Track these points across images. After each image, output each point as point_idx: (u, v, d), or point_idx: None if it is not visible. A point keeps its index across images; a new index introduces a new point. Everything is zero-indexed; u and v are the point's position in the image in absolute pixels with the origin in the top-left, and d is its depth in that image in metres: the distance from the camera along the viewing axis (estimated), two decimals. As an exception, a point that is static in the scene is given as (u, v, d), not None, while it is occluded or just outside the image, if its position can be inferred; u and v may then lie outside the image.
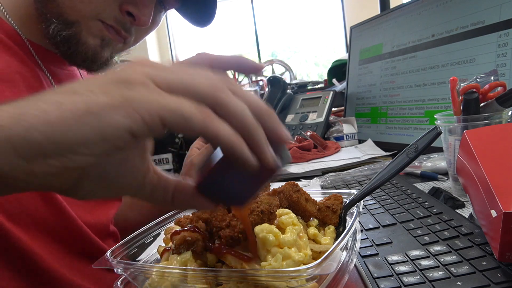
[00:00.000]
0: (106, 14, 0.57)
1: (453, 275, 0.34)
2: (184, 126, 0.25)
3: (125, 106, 0.24)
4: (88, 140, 0.24)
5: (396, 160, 0.44)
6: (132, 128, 0.24)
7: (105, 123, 0.24)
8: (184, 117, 0.24)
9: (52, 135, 0.24)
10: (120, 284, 0.38)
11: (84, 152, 0.24)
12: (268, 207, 0.36)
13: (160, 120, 0.24)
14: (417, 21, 1.06)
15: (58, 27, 0.56)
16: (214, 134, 0.25)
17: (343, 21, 3.55)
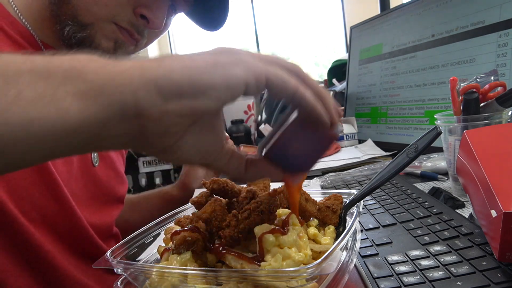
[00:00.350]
0: (120, 17, 0.58)
1: (453, 275, 0.34)
2: (282, 87, 0.30)
3: (242, 64, 0.29)
4: (216, 85, 0.28)
5: (396, 160, 0.44)
6: (247, 81, 0.29)
7: (229, 73, 0.28)
8: (283, 81, 0.30)
9: (190, 78, 0.28)
10: (120, 284, 0.38)
11: (211, 95, 0.28)
12: (268, 207, 0.36)
13: (265, 79, 0.30)
14: (417, 21, 1.06)
15: (73, 29, 0.57)
16: (302, 95, 0.31)
17: (343, 21, 3.55)
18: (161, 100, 0.27)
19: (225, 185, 0.41)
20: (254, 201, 0.37)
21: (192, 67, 0.28)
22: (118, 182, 0.78)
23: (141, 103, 0.27)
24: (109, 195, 0.75)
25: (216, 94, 0.28)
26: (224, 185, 0.41)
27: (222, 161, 0.34)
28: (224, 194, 0.41)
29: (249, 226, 0.36)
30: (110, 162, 0.76)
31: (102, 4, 0.57)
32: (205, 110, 0.29)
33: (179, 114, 0.28)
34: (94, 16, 0.57)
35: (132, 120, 0.27)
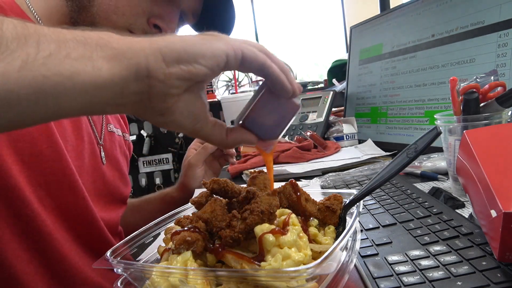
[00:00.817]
0: (135, 26, 0.63)
1: (453, 275, 0.34)
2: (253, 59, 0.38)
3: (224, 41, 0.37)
4: (205, 54, 0.36)
5: (396, 160, 0.44)
6: (228, 52, 0.37)
7: (214, 46, 0.36)
8: (255, 53, 0.38)
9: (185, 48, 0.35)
10: (120, 284, 0.38)
11: (202, 62, 0.36)
12: (268, 207, 0.36)
13: (241, 53, 0.37)
14: (417, 21, 1.06)
15: None
16: (269, 65, 0.39)
17: (343, 21, 3.55)
18: (165, 64, 0.35)
19: (225, 185, 0.41)
20: (254, 201, 0.37)
21: (186, 40, 0.36)
22: (122, 183, 0.81)
23: (151, 66, 0.34)
24: (114, 194, 0.77)
25: (205, 62, 0.36)
26: (224, 185, 0.41)
27: (208, 127, 0.40)
28: (224, 194, 0.41)
29: (249, 226, 0.36)
30: (116, 163, 0.79)
31: (120, 13, 0.62)
32: (198, 74, 0.36)
33: (178, 77, 0.35)
34: (112, 24, 0.62)
35: (144, 79, 0.35)
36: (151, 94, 0.36)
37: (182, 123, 0.38)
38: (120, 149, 0.82)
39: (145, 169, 2.51)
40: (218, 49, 0.36)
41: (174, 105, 0.37)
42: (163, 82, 0.35)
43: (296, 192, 0.42)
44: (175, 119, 0.38)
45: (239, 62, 0.38)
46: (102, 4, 0.61)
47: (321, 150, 1.10)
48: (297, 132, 1.30)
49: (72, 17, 0.62)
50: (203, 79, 0.37)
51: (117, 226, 0.76)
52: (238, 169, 1.04)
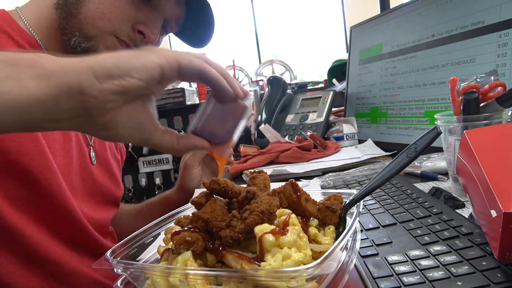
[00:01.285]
0: (121, 31, 0.67)
1: (453, 275, 0.34)
2: (190, 66, 0.40)
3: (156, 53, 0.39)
4: (137, 68, 0.38)
5: (396, 160, 0.44)
6: (161, 63, 0.38)
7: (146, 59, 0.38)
8: (190, 61, 0.40)
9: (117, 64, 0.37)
10: (120, 284, 0.38)
11: (134, 75, 0.37)
12: (268, 207, 0.36)
13: (177, 62, 0.39)
14: (417, 21, 1.06)
15: (78, 39, 0.65)
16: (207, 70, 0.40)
17: (343, 21, 3.55)
18: (97, 81, 0.36)
19: (225, 185, 0.41)
20: (254, 201, 0.37)
21: (118, 57, 0.38)
22: (112, 184, 0.82)
23: (82, 83, 0.36)
24: (105, 195, 0.79)
25: (138, 74, 0.38)
26: (224, 185, 0.41)
27: (157, 136, 0.42)
28: (224, 194, 0.41)
29: (249, 226, 0.35)
30: (106, 164, 0.80)
31: (106, 19, 0.65)
32: (131, 87, 0.38)
33: (111, 92, 0.37)
34: (98, 29, 0.65)
35: (77, 97, 0.36)
36: (88, 110, 0.37)
37: (127, 135, 0.40)
38: (111, 151, 0.84)
39: (145, 169, 2.51)
40: (151, 61, 0.38)
41: (114, 118, 0.38)
42: (96, 97, 0.37)
43: (296, 192, 0.42)
44: (119, 132, 0.39)
45: (176, 72, 0.39)
46: (89, 11, 0.64)
47: (321, 150, 1.10)
48: (297, 132, 1.30)
49: (61, 23, 0.66)
50: (140, 92, 0.39)
51: (107, 226, 0.77)
52: (238, 169, 1.04)
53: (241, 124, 0.45)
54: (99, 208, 0.75)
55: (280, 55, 3.84)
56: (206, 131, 0.44)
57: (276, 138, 1.21)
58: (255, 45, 3.66)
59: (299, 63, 4.04)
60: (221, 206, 0.39)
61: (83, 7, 0.64)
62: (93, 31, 0.65)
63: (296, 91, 1.75)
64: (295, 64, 3.17)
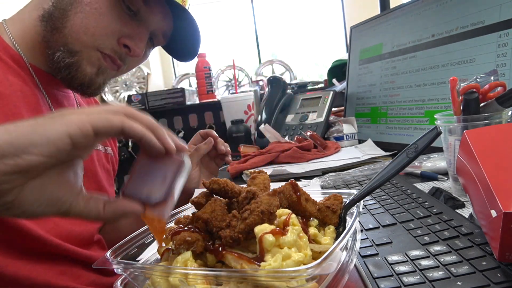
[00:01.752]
0: (105, 46, 0.66)
1: (453, 275, 0.34)
2: (108, 126, 0.35)
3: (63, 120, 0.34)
4: (36, 142, 0.33)
5: (396, 160, 0.44)
6: (70, 132, 0.33)
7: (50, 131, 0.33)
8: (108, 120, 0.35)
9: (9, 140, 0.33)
10: (120, 284, 0.38)
11: (33, 152, 0.33)
12: (268, 207, 0.36)
13: (91, 125, 0.34)
14: (417, 21, 1.06)
15: (62, 54, 0.64)
16: (129, 126, 0.36)
17: (343, 21, 3.54)
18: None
19: (225, 185, 0.41)
20: (254, 201, 0.37)
21: (12, 131, 0.34)
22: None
23: None
24: None
25: (38, 150, 0.33)
26: (224, 185, 0.41)
27: (79, 205, 0.37)
28: (224, 194, 0.41)
29: (249, 226, 0.36)
30: (93, 175, 0.79)
31: (90, 34, 0.64)
32: (30, 165, 0.33)
33: (4, 173, 0.33)
34: (82, 44, 0.64)
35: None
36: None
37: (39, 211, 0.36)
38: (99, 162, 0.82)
39: (145, 169, 2.51)
40: (56, 132, 0.34)
41: (17, 198, 0.34)
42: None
43: (296, 192, 0.42)
44: (27, 210, 0.35)
45: (92, 136, 0.35)
46: (74, 25, 0.64)
47: (321, 150, 1.10)
48: (297, 132, 1.30)
49: (45, 36, 0.65)
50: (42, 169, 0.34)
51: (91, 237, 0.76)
52: (238, 169, 1.04)
53: (180, 181, 0.40)
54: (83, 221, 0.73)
55: (280, 55, 3.84)
56: (138, 192, 0.39)
57: (276, 138, 1.21)
58: (255, 45, 3.65)
59: (299, 63, 4.04)
60: (221, 206, 0.39)
61: (68, 22, 0.63)
62: (77, 46, 0.64)
63: (296, 91, 1.75)
64: (295, 64, 3.17)
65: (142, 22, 0.68)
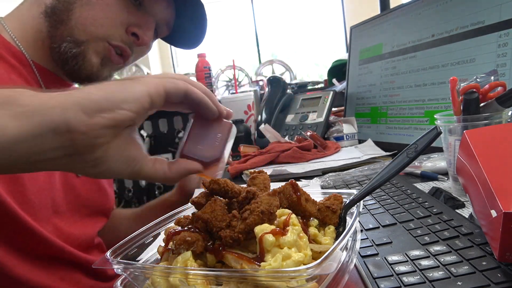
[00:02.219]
0: (113, 36, 0.66)
1: (453, 275, 0.34)
2: (176, 89, 0.39)
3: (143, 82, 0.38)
4: (126, 99, 0.36)
5: (396, 160, 0.44)
6: (150, 91, 0.37)
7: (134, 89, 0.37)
8: (175, 84, 0.39)
9: (105, 96, 0.36)
10: (120, 284, 0.38)
11: (125, 107, 0.36)
12: (268, 207, 0.36)
13: (163, 87, 0.38)
14: (417, 21, 1.06)
15: (69, 45, 0.65)
16: (191, 91, 0.40)
17: (343, 21, 3.55)
18: (86, 116, 0.34)
19: (225, 185, 0.41)
20: (254, 201, 0.37)
21: (105, 89, 0.36)
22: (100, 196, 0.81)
23: (70, 121, 0.34)
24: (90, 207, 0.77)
25: (129, 106, 0.36)
26: (224, 185, 0.41)
27: (148, 166, 0.40)
28: (224, 194, 0.41)
29: (249, 226, 0.35)
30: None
31: (99, 25, 0.65)
32: (123, 120, 0.36)
33: (102, 126, 0.35)
34: (89, 34, 0.65)
35: (65, 135, 0.34)
36: (77, 147, 0.35)
37: (118, 170, 0.38)
38: None
39: (145, 169, 2.51)
40: (140, 91, 0.37)
41: (105, 154, 0.36)
42: (86, 134, 0.34)
43: (296, 192, 0.42)
44: (109, 167, 0.37)
45: (164, 98, 0.39)
46: (80, 17, 0.64)
47: (321, 150, 1.10)
48: (297, 132, 1.30)
49: (49, 31, 0.65)
50: (129, 124, 0.37)
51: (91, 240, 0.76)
52: (238, 169, 1.04)
53: (229, 143, 0.45)
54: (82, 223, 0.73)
55: (280, 55, 3.84)
56: (195, 152, 0.43)
57: (276, 138, 1.21)
58: (255, 45, 3.65)
59: (299, 63, 4.04)
60: (221, 206, 0.39)
61: (74, 14, 0.64)
62: (83, 36, 0.65)
63: (296, 91, 1.75)
64: (295, 64, 3.17)
65: (147, 12, 0.69)
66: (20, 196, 0.59)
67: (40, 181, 0.63)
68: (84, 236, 0.72)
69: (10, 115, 0.32)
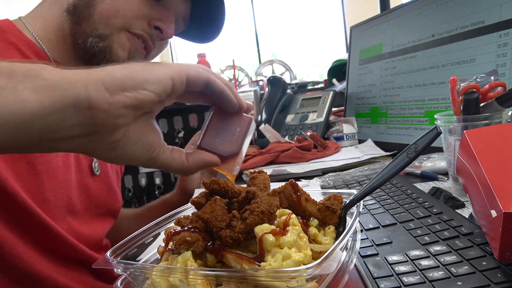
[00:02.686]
0: (135, 26, 0.67)
1: (453, 275, 0.34)
2: (198, 77, 0.39)
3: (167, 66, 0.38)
4: (150, 80, 0.36)
5: (396, 160, 0.44)
6: (173, 76, 0.37)
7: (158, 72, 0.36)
8: (198, 72, 0.39)
9: (129, 75, 0.35)
10: (120, 284, 0.38)
11: (148, 88, 0.35)
12: (268, 207, 0.36)
13: (185, 73, 0.38)
14: (417, 21, 1.06)
15: (95, 40, 0.65)
16: (213, 81, 0.40)
17: (343, 21, 3.55)
18: (108, 93, 0.33)
19: (225, 185, 0.41)
20: (254, 201, 0.37)
21: (129, 68, 0.36)
22: (110, 197, 0.81)
23: (92, 96, 0.33)
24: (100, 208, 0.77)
25: (151, 87, 0.35)
26: (224, 185, 0.41)
27: (165, 153, 0.40)
28: (224, 194, 0.41)
29: (249, 226, 0.36)
30: (105, 176, 0.79)
31: (121, 16, 0.65)
32: (145, 100, 0.35)
33: (124, 105, 0.34)
34: (112, 27, 0.65)
35: (85, 111, 0.33)
36: (97, 126, 0.34)
37: (136, 155, 0.37)
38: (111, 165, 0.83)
39: (145, 169, 2.51)
40: (163, 74, 0.36)
41: (124, 136, 0.36)
42: (107, 112, 0.33)
43: (296, 192, 0.42)
44: (127, 151, 0.37)
45: (185, 84, 0.38)
46: (103, 11, 0.64)
47: (321, 150, 1.10)
48: (297, 132, 1.30)
49: (73, 28, 0.65)
50: (150, 106, 0.37)
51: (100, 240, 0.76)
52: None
53: (247, 138, 0.44)
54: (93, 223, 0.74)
55: (280, 55, 3.84)
56: (213, 146, 0.42)
57: (276, 138, 1.21)
58: (255, 45, 3.65)
59: (299, 63, 4.04)
60: (221, 206, 0.39)
61: (96, 9, 0.64)
62: (107, 30, 0.65)
63: (296, 91, 1.75)
64: (295, 64, 3.17)
65: (166, 6, 0.70)
66: (38, 193, 0.60)
67: (58, 179, 0.63)
68: (94, 236, 0.73)
69: (31, 88, 0.31)
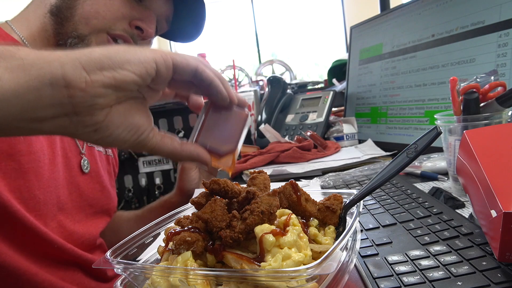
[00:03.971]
0: (115, 28, 0.67)
1: (453, 275, 0.34)
2: (186, 65, 0.38)
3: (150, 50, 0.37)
4: (130, 60, 0.35)
5: (396, 160, 0.44)
6: (156, 59, 0.36)
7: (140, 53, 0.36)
8: (186, 60, 0.38)
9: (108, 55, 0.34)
10: (120, 284, 0.38)
11: (128, 68, 0.35)
12: (268, 208, 0.36)
13: (171, 60, 0.37)
14: (417, 21, 1.06)
15: (74, 41, 0.66)
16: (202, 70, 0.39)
17: (343, 21, 3.55)
18: (85, 72, 0.33)
19: (225, 186, 0.41)
20: (254, 201, 0.37)
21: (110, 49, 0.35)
22: (104, 196, 0.81)
23: (68, 75, 0.33)
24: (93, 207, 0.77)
25: (132, 67, 0.35)
26: (224, 185, 0.41)
27: (155, 138, 0.39)
28: (224, 194, 0.41)
29: (249, 227, 0.36)
30: (96, 175, 0.79)
31: (101, 17, 0.65)
32: (125, 80, 0.35)
33: (102, 84, 0.34)
34: (92, 28, 0.66)
35: (62, 90, 0.33)
36: (76, 106, 0.33)
37: (121, 137, 0.37)
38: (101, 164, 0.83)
39: (145, 169, 2.51)
40: (144, 55, 0.36)
41: (107, 118, 0.35)
42: (84, 91, 0.33)
43: (296, 192, 0.42)
44: (112, 134, 0.36)
45: (171, 70, 0.37)
46: (83, 12, 0.65)
47: (321, 150, 1.10)
48: (297, 132, 1.30)
49: (56, 29, 0.66)
50: (132, 88, 0.36)
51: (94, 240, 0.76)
52: (238, 169, 1.04)
53: (243, 133, 0.43)
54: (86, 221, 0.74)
55: (280, 55, 3.84)
56: (209, 144, 0.42)
57: (276, 138, 1.21)
58: (255, 45, 3.65)
59: (299, 63, 4.04)
60: (221, 206, 0.39)
61: (77, 10, 0.65)
62: (87, 30, 0.66)
63: (296, 91, 1.75)
64: (295, 64, 3.17)
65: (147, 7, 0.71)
66: (25, 191, 0.60)
67: (44, 177, 0.63)
68: (87, 235, 0.73)
69: (5, 68, 0.31)
